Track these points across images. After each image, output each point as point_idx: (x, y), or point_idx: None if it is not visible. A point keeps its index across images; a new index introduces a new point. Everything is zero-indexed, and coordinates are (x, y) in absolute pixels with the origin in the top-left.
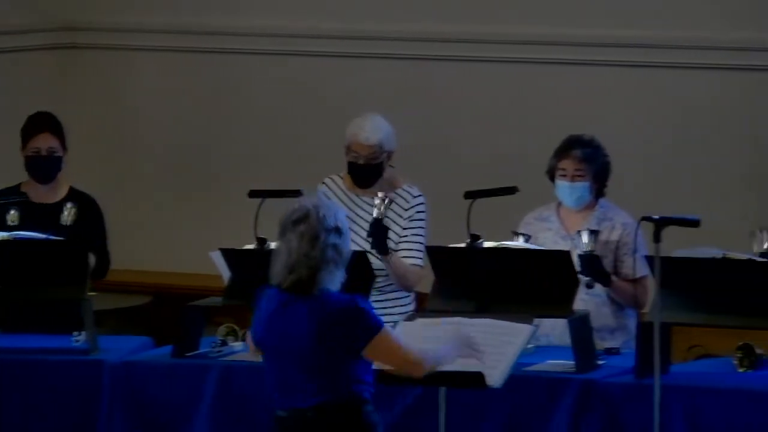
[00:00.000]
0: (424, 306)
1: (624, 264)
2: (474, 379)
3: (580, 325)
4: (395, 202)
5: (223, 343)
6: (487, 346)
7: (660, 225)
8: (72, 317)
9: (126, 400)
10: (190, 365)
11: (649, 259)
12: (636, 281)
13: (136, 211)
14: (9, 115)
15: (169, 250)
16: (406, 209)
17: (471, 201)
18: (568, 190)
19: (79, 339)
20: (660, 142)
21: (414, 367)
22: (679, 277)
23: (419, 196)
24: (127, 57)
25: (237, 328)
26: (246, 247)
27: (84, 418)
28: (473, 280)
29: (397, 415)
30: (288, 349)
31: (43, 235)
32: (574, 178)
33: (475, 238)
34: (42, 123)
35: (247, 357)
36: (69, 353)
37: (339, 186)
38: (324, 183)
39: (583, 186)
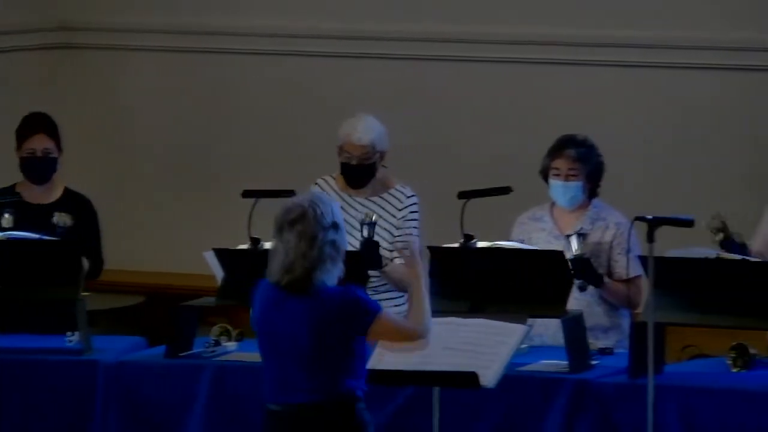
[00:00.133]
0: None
1: (617, 264)
2: (468, 379)
3: (573, 325)
4: (388, 201)
5: (217, 343)
6: (481, 346)
7: (653, 225)
8: (66, 317)
9: (119, 400)
10: (183, 365)
11: (643, 259)
12: (629, 281)
13: (129, 212)
14: (4, 115)
15: (163, 250)
16: (399, 209)
17: (465, 201)
18: (561, 189)
19: (73, 339)
20: (660, 142)
21: (413, 339)
22: (673, 277)
23: (412, 196)
24: (124, 57)
25: (230, 328)
26: (240, 247)
27: (78, 418)
28: (467, 280)
29: (391, 415)
30: (285, 346)
31: (37, 236)
32: (567, 177)
33: (469, 238)
34: (37, 124)
35: (241, 357)
36: (63, 353)
37: (332, 186)
38: (317, 183)
39: (577, 186)
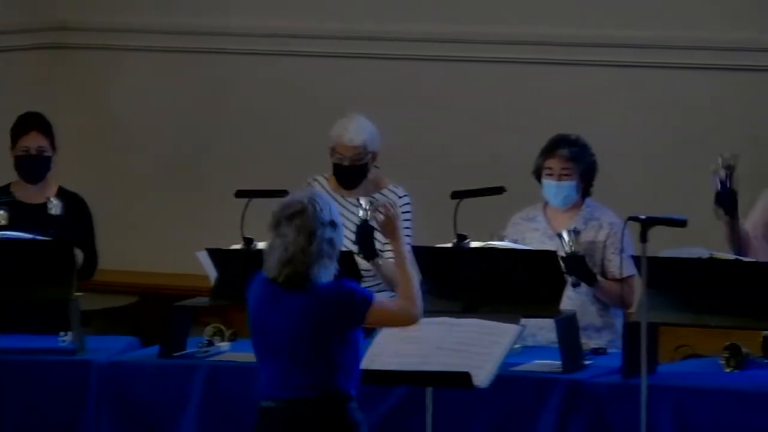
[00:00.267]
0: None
1: (611, 263)
2: (461, 380)
3: (567, 325)
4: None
5: (210, 343)
6: (474, 346)
7: (646, 225)
8: (59, 317)
9: (113, 400)
10: (176, 365)
11: (636, 259)
12: (622, 281)
13: (123, 212)
14: None
15: (156, 250)
16: None
17: (458, 201)
18: (554, 189)
19: (66, 339)
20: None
21: (409, 322)
22: (666, 277)
23: (405, 196)
24: (118, 57)
25: (224, 328)
26: (233, 248)
27: (71, 418)
28: (460, 280)
29: (384, 415)
30: (280, 343)
31: (30, 235)
32: (560, 177)
33: (462, 238)
34: (31, 122)
35: (234, 357)
36: (56, 353)
37: (324, 187)
38: (309, 184)
39: (570, 185)
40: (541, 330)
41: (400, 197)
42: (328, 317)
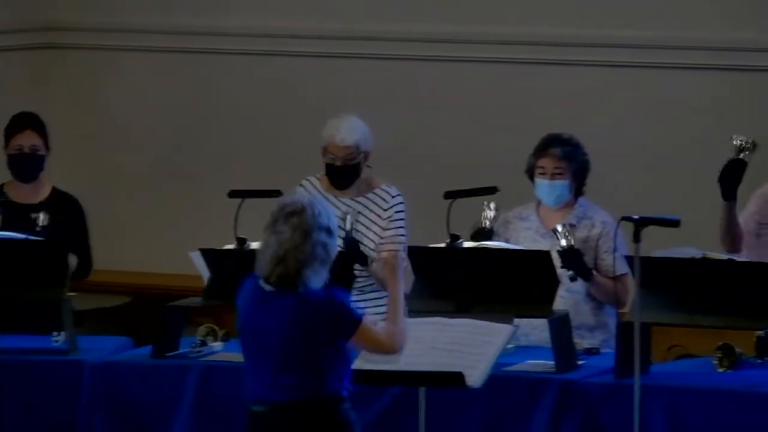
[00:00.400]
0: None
1: (604, 262)
2: (454, 379)
3: (560, 325)
4: (374, 202)
5: (203, 344)
6: (467, 346)
7: (640, 225)
8: (52, 317)
9: (106, 400)
10: (169, 365)
11: (629, 259)
12: (616, 279)
13: (116, 212)
14: None
15: (150, 250)
16: (385, 209)
17: (451, 201)
18: (547, 188)
19: (59, 339)
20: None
21: (388, 353)
22: (659, 277)
23: (398, 195)
24: (111, 57)
25: (217, 328)
26: (226, 248)
27: (63, 418)
28: (453, 280)
29: (377, 415)
30: (269, 345)
31: (23, 235)
32: (553, 176)
33: (455, 238)
34: (25, 121)
35: (227, 357)
36: (49, 353)
37: (317, 187)
38: (302, 185)
39: (563, 184)
40: (534, 330)
41: (392, 197)
42: (318, 324)
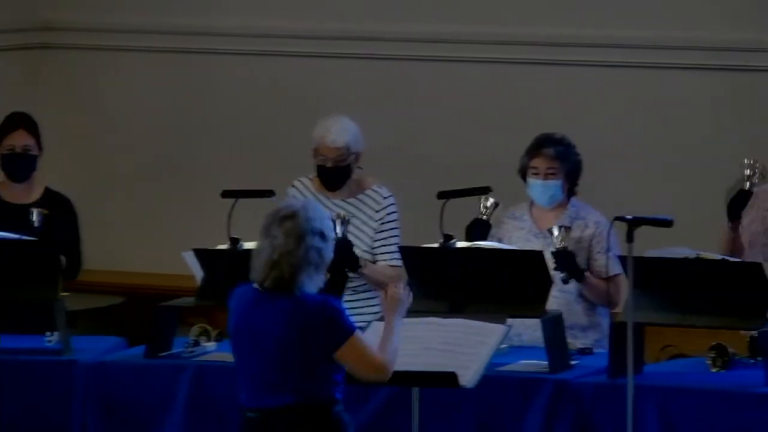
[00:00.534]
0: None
1: (597, 262)
2: (447, 380)
3: (553, 326)
4: (365, 203)
5: (196, 344)
6: (461, 346)
7: (633, 225)
8: (45, 317)
9: (99, 400)
10: (163, 365)
11: (622, 259)
12: (609, 279)
13: (109, 212)
14: None
15: (143, 250)
16: (377, 211)
17: (444, 201)
18: (540, 188)
19: (52, 339)
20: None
21: (380, 373)
22: (653, 278)
23: (389, 196)
24: (104, 57)
25: (210, 328)
26: (219, 248)
27: (56, 418)
28: (446, 280)
29: (370, 415)
30: (262, 348)
31: (16, 235)
32: (546, 176)
33: (449, 238)
34: (18, 121)
35: (220, 357)
36: (42, 353)
37: (308, 188)
38: (293, 186)
39: (556, 184)
40: (527, 329)
41: (384, 198)
42: (313, 327)
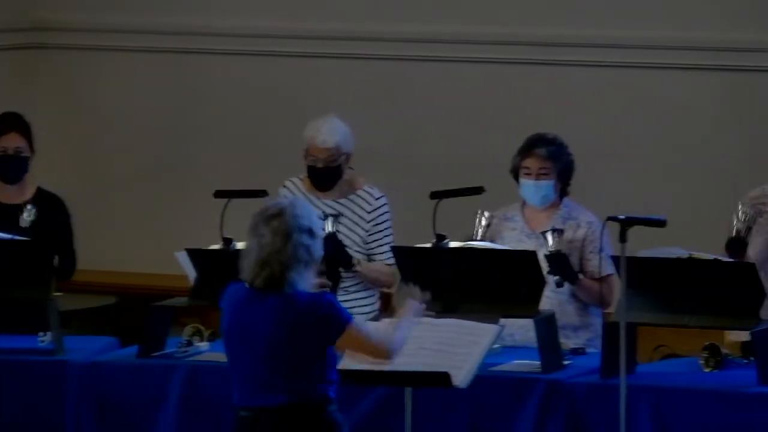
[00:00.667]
0: (389, 306)
1: (589, 263)
2: (440, 379)
3: (545, 326)
4: (356, 203)
5: (189, 344)
6: (454, 346)
7: (625, 225)
8: (37, 318)
9: (92, 400)
10: (156, 365)
11: (615, 259)
12: (601, 279)
13: (102, 212)
14: None
15: (135, 250)
16: (369, 211)
17: (437, 201)
18: (533, 188)
19: (45, 339)
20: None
21: (383, 354)
22: (645, 278)
23: (381, 197)
24: (98, 57)
25: (203, 328)
26: (212, 248)
27: (50, 418)
28: (439, 280)
29: (363, 415)
30: (254, 347)
31: (8, 235)
32: (538, 176)
33: (441, 238)
34: (9, 123)
35: (213, 357)
36: (35, 354)
37: (299, 188)
38: (285, 186)
39: (548, 184)
40: (520, 329)
41: (376, 199)
42: (304, 325)
